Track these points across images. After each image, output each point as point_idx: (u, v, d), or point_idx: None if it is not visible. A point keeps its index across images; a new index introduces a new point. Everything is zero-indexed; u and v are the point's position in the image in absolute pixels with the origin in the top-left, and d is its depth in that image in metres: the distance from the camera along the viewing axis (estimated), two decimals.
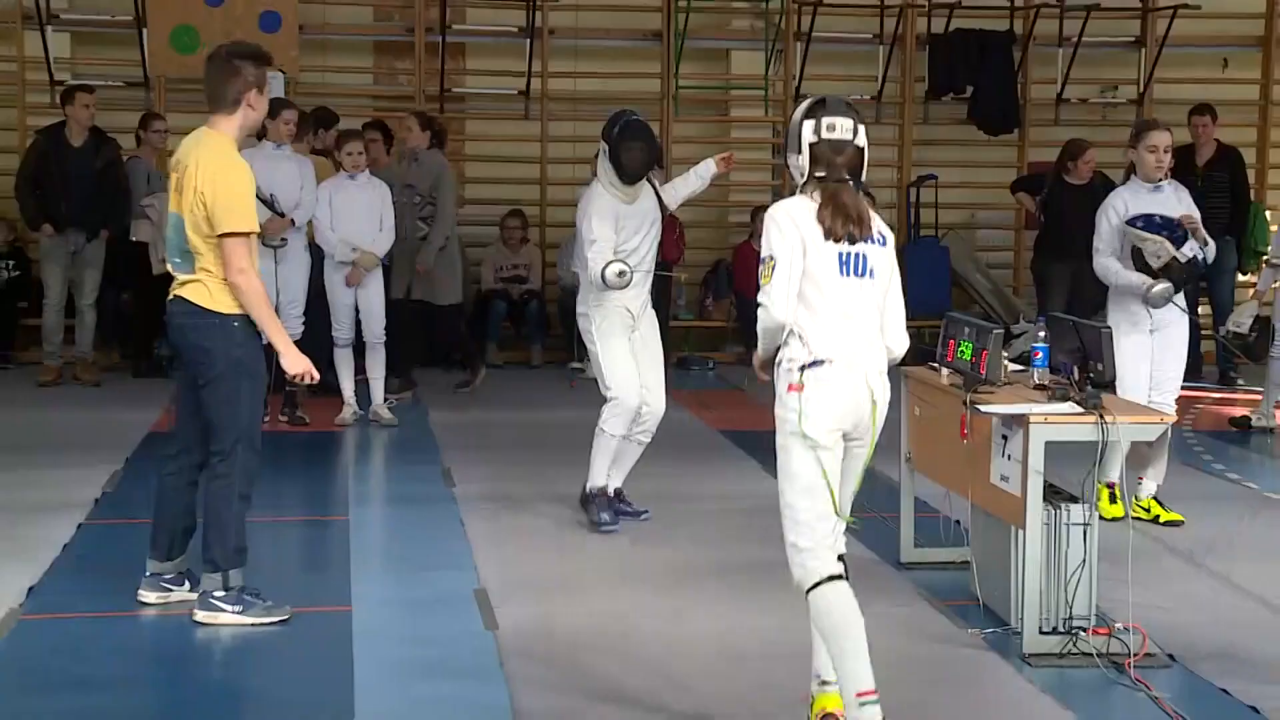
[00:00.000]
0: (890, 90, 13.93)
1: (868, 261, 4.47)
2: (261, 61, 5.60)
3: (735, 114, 14.08)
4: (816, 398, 4.38)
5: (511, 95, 13.50)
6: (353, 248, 9.58)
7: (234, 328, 5.45)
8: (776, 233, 4.45)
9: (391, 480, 8.61)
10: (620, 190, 6.93)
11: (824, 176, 4.46)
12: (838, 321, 4.43)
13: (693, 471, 8.46)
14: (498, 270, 12.87)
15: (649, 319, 7.12)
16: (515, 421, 10.26)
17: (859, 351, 4.44)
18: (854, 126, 4.50)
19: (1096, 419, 5.32)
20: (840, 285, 4.43)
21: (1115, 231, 7.33)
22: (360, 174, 9.60)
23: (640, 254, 6.99)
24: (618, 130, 6.88)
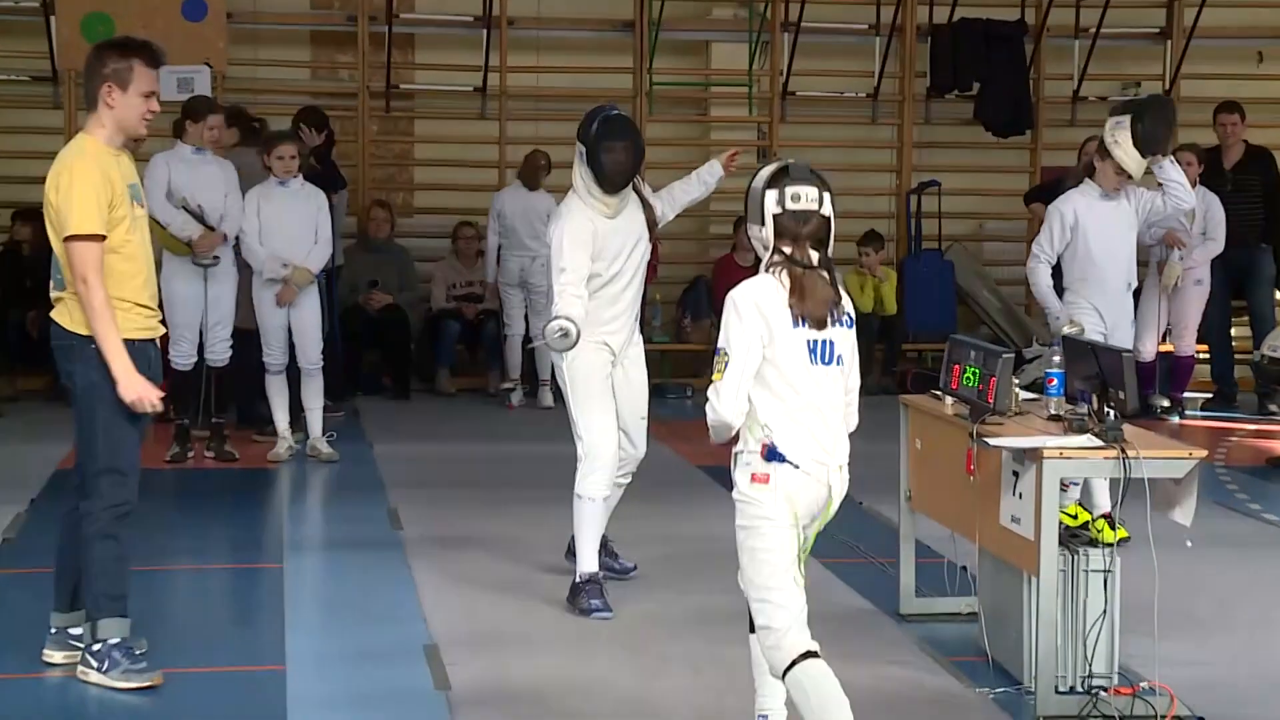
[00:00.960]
0: (888, 87, 14.00)
1: (835, 348, 4.64)
2: (132, 53, 5.52)
3: (716, 113, 14.13)
4: (782, 493, 4.56)
5: (466, 92, 13.52)
6: (283, 263, 9.56)
7: (91, 350, 5.43)
8: (735, 322, 4.58)
9: (331, 522, 8.58)
10: (601, 202, 6.57)
11: (790, 254, 4.59)
12: (808, 416, 4.59)
13: (669, 512, 8.46)
14: (450, 288, 12.87)
15: (634, 354, 6.84)
16: (470, 455, 10.25)
17: (826, 449, 4.62)
18: (819, 195, 4.64)
19: (1118, 453, 5.35)
20: (809, 376, 4.60)
21: (1059, 237, 7.62)
22: (293, 180, 9.59)
23: (624, 279, 6.67)
24: (596, 128, 6.54)
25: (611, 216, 6.63)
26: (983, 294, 13.78)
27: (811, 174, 4.64)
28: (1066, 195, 7.83)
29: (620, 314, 6.71)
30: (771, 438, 4.54)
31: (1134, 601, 5.65)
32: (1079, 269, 7.78)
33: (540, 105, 13.75)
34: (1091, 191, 7.74)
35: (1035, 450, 5.38)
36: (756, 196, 4.65)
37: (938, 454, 6.23)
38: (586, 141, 6.58)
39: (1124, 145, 7.56)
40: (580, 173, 6.62)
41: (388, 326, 12.36)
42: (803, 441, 4.57)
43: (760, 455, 4.54)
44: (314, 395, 9.80)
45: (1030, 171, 14.09)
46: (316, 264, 9.69)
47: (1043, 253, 7.82)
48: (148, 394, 5.41)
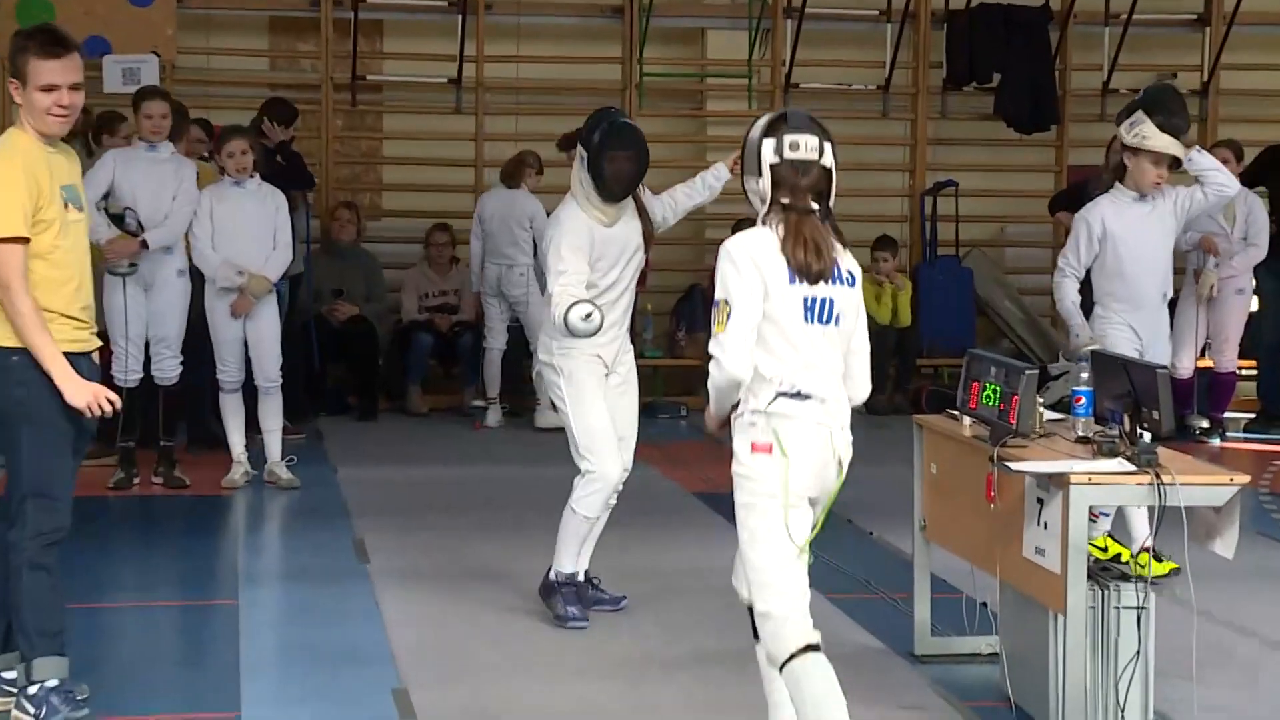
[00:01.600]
0: (900, 79, 14.03)
1: (834, 306, 4.70)
2: (27, 42, 5.43)
3: (712, 107, 14.15)
4: (787, 463, 4.59)
5: (439, 84, 13.53)
6: (238, 270, 9.55)
7: (13, 363, 5.40)
8: (733, 272, 4.64)
9: (291, 553, 8.56)
10: (599, 210, 6.80)
11: (788, 204, 4.59)
12: (801, 373, 4.65)
13: (660, 541, 8.45)
14: (422, 297, 12.87)
15: (627, 362, 7.02)
16: (444, 480, 10.24)
17: (826, 411, 4.67)
18: (819, 145, 4.71)
19: (1152, 479, 5.35)
20: (803, 333, 4.67)
21: (1086, 249, 7.62)
22: (248, 180, 9.58)
23: (618, 290, 6.88)
24: (600, 135, 6.75)
25: (609, 225, 6.85)
26: (1004, 304, 13.79)
27: (811, 122, 4.72)
28: (1095, 203, 7.82)
29: (613, 325, 6.89)
30: (771, 381, 4.59)
31: (1170, 642, 5.65)
32: (1109, 282, 7.77)
33: (520, 98, 13.76)
34: (1123, 196, 7.71)
35: (1061, 475, 5.38)
36: (753, 146, 4.73)
37: (955, 479, 6.23)
38: (590, 147, 6.77)
39: (1154, 137, 7.56)
40: (580, 177, 6.84)
41: (353, 339, 12.35)
42: (800, 402, 4.63)
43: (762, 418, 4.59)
44: (272, 416, 9.79)
45: (1055, 171, 14.12)
46: (275, 271, 9.67)
47: (1069, 266, 7.81)
48: (99, 394, 5.39)
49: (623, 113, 7.04)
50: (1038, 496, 5.52)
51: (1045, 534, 5.47)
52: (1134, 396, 5.77)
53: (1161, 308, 7.85)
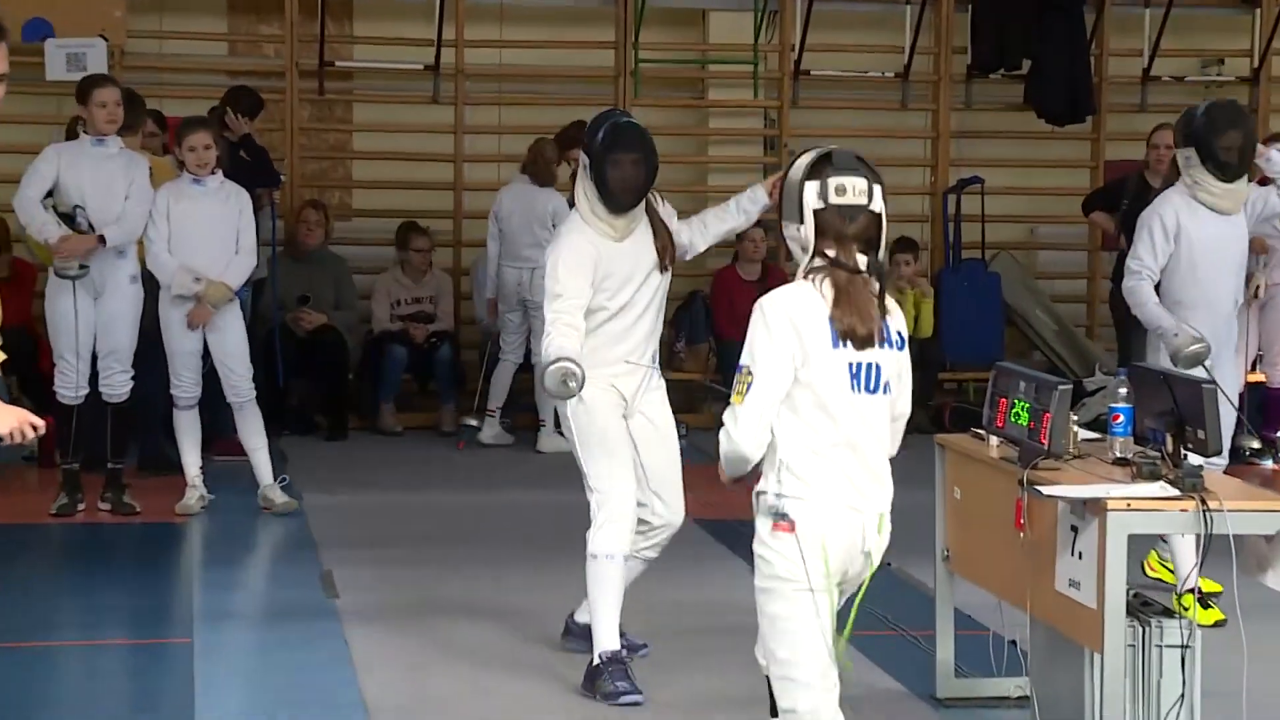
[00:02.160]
0: (921, 65, 14.04)
1: (882, 373, 4.68)
2: None
3: (714, 96, 14.16)
4: (807, 541, 4.60)
5: (415, 71, 13.53)
6: (195, 277, 9.55)
7: None
8: (763, 336, 4.62)
9: (251, 588, 8.55)
10: (605, 222, 6.64)
11: (834, 258, 4.61)
12: (841, 455, 4.64)
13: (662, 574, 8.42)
14: (395, 305, 12.87)
15: (656, 400, 6.84)
16: (419, 507, 10.24)
17: (863, 493, 4.67)
18: (868, 188, 4.70)
19: (1196, 505, 5.35)
20: (849, 405, 4.65)
21: (1161, 247, 7.54)
22: (209, 177, 9.58)
23: (633, 313, 6.69)
24: (602, 137, 6.64)
25: (618, 239, 6.69)
26: (1035, 313, 13.80)
27: (859, 163, 4.72)
28: (1164, 197, 7.78)
29: (631, 353, 6.72)
30: (800, 478, 4.59)
31: (1218, 684, 5.64)
32: (1180, 287, 7.74)
33: (504, 87, 13.76)
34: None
35: (1097, 501, 5.38)
36: (794, 189, 4.70)
37: (981, 505, 6.23)
38: (591, 153, 6.66)
39: (1207, 185, 7.60)
40: (583, 188, 6.69)
41: (320, 351, 12.34)
42: (834, 483, 4.61)
43: (785, 504, 4.60)
44: (255, 433, 9.78)
45: (1091, 166, 14.14)
46: (236, 278, 9.66)
47: (1144, 267, 7.73)
48: (23, 420, 5.28)
49: (626, 113, 6.94)
50: (1071, 524, 5.52)
51: (1080, 565, 5.46)
52: (1177, 414, 5.77)
53: (1233, 315, 7.84)
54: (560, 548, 8.41)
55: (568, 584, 7.25)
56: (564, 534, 8.75)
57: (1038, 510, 5.66)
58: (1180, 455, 5.68)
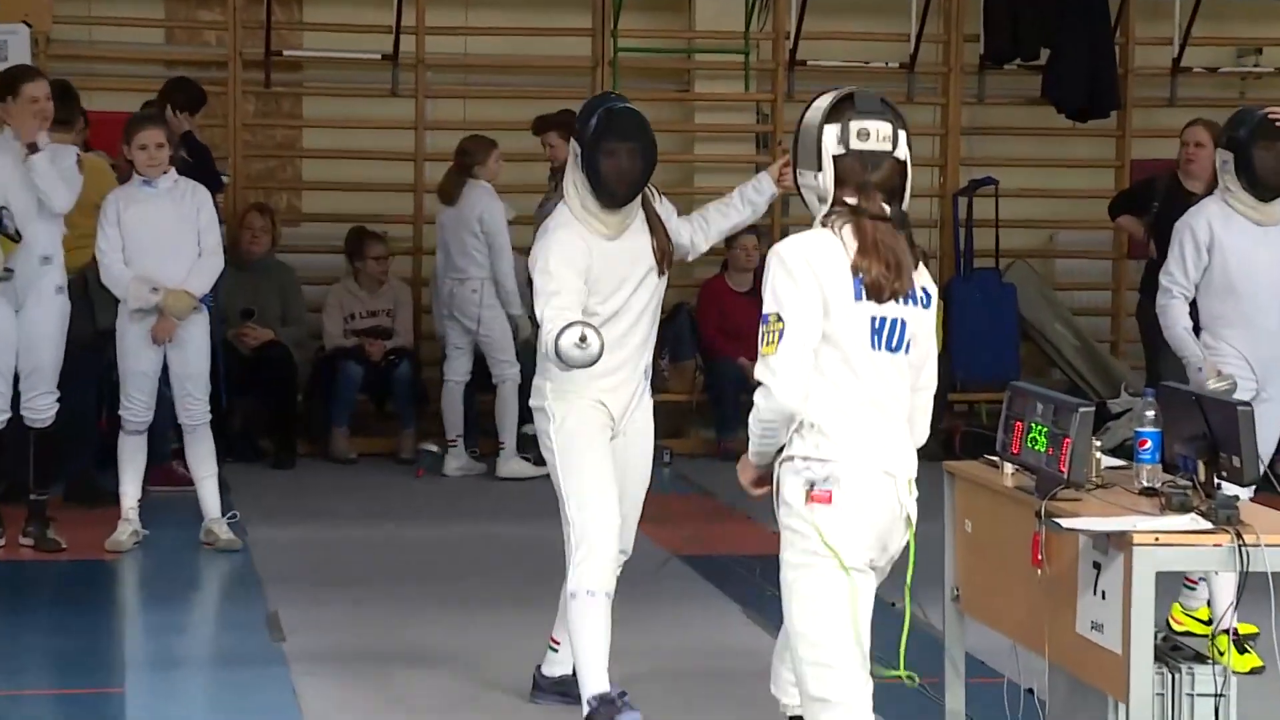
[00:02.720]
0: (928, 55, 14.06)
1: (905, 330, 4.71)
2: None
3: (701, 89, 14.18)
4: (846, 512, 4.61)
5: (372, 61, 13.53)
6: (153, 287, 9.55)
7: None
8: (786, 280, 4.63)
9: (190, 632, 8.54)
10: (598, 218, 6.64)
11: (856, 204, 4.58)
12: (869, 414, 4.67)
13: (644, 616, 8.42)
14: (349, 319, 12.86)
15: (640, 421, 6.81)
16: (375, 541, 10.24)
17: (890, 454, 4.70)
18: (893, 132, 4.73)
19: (1232, 539, 5.36)
20: (870, 362, 4.68)
21: (1194, 261, 7.55)
22: (162, 178, 9.58)
23: (626, 320, 6.65)
24: (595, 124, 6.60)
25: (612, 237, 6.66)
26: (1054, 327, 13.82)
27: (884, 105, 4.76)
28: (1200, 206, 7.78)
29: (622, 365, 6.67)
30: (828, 436, 4.60)
31: None
32: (1218, 302, 7.74)
33: (470, 78, 13.76)
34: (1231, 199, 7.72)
35: (1122, 535, 5.39)
36: (811, 133, 4.72)
37: (994, 539, 6.23)
38: (583, 141, 6.62)
39: (1240, 197, 7.63)
40: (574, 179, 6.67)
41: (266, 370, 12.34)
42: (865, 445, 4.64)
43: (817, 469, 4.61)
44: (205, 460, 9.78)
45: (1116, 166, 14.17)
46: (200, 284, 9.64)
47: (1175, 284, 7.74)
48: None
49: (621, 97, 6.87)
50: (1094, 560, 5.52)
51: (1103, 605, 5.47)
52: (1210, 439, 5.78)
53: (1278, 334, 7.83)
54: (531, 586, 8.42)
55: (540, 626, 7.26)
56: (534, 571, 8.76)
57: (1057, 545, 5.66)
58: (1213, 484, 5.68)
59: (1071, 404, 5.83)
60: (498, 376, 12.02)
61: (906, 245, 4.71)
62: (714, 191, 13.41)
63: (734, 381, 12.82)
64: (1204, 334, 7.83)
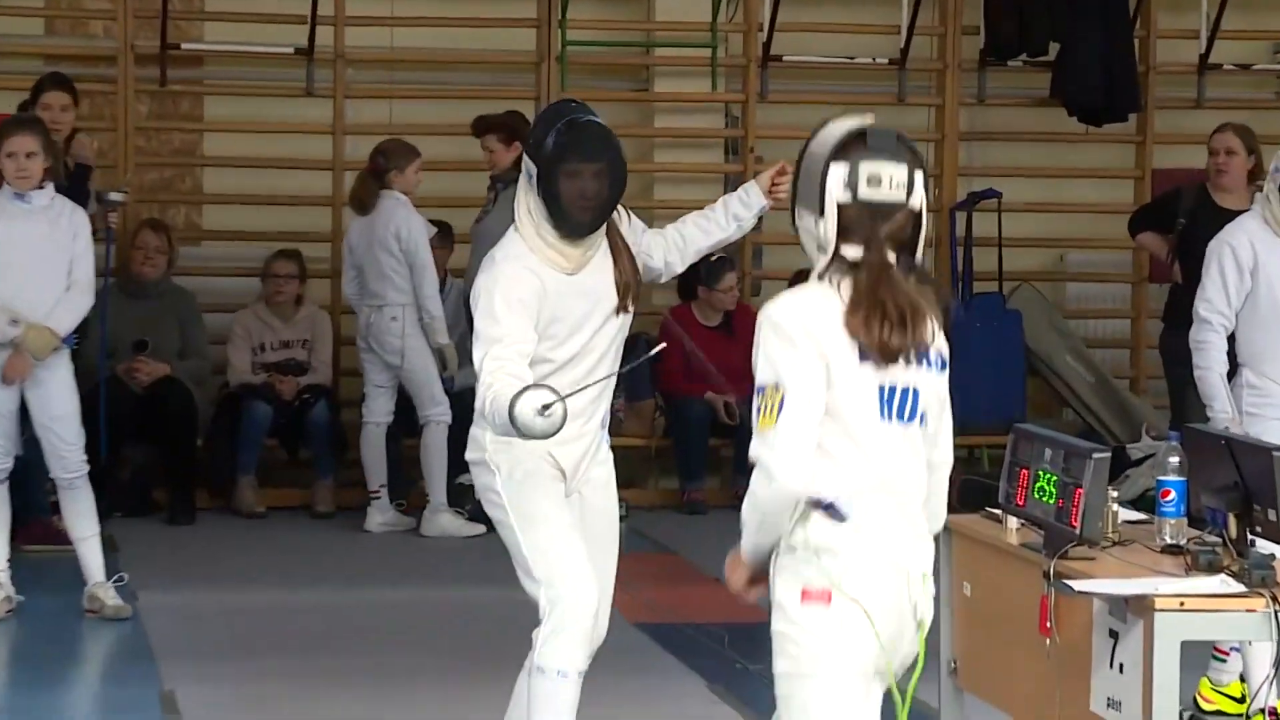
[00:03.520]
0: (921, 50, 14.10)
1: (919, 399, 4.70)
2: None
3: (663, 88, 14.19)
4: (848, 615, 4.58)
5: (284, 56, 13.52)
6: (11, 319, 9.50)
7: None
8: (784, 347, 4.59)
9: (71, 714, 8.49)
10: (556, 250, 6.52)
11: (859, 260, 4.62)
12: (878, 500, 4.63)
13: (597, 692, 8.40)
14: (258, 351, 12.83)
15: (599, 478, 6.71)
16: (289, 607, 10.22)
17: (902, 545, 4.66)
18: (908, 178, 4.66)
19: (1267, 603, 5.37)
20: (879, 436, 4.65)
21: (1235, 285, 7.54)
22: (36, 192, 9.51)
23: (584, 366, 6.53)
24: (554, 139, 6.47)
25: (571, 271, 6.53)
26: (1065, 361, 13.85)
27: (899, 144, 4.69)
28: (1238, 223, 7.77)
29: (575, 416, 6.40)
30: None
31: None
32: (1261, 335, 7.76)
33: (396, 76, 13.75)
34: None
35: (1142, 599, 5.40)
36: (815, 169, 4.67)
37: (997, 604, 6.24)
38: (540, 158, 6.49)
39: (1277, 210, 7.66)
40: (528, 204, 6.52)
41: (161, 410, 12.30)
42: (873, 535, 4.62)
43: (820, 559, 4.57)
44: (84, 518, 9.72)
45: (1137, 176, 14.21)
46: (65, 322, 9.59)
47: (1215, 313, 7.73)
48: None
49: (586, 107, 6.68)
50: (1110, 628, 5.53)
51: (1121, 680, 5.47)
52: (1243, 489, 5.79)
53: None
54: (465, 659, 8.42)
55: (474, 705, 7.26)
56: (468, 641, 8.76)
57: (1068, 611, 5.67)
58: (1246, 541, 5.70)
59: (1084, 449, 5.84)
60: (424, 418, 12.01)
61: (915, 295, 4.65)
62: (675, 204, 13.51)
63: (699, 423, 12.83)
64: (1244, 371, 7.81)
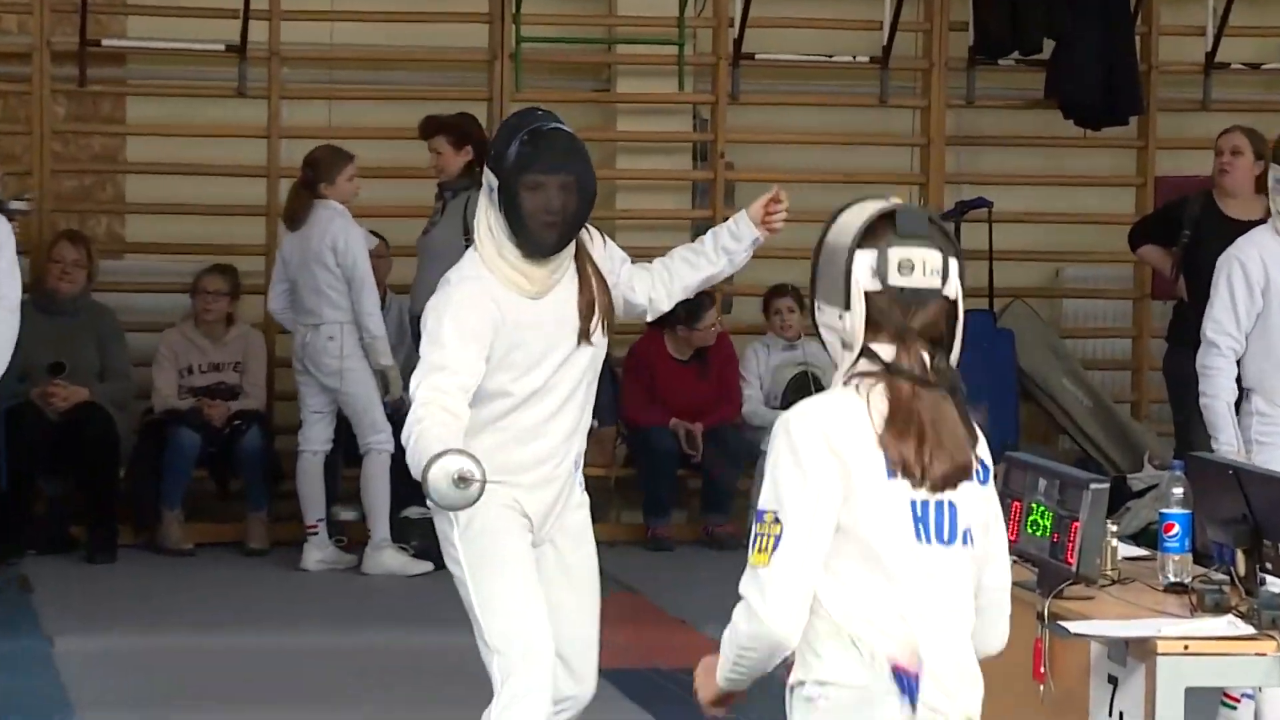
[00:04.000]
0: (905, 47, 14.11)
1: (960, 516, 4.56)
2: None
3: (625, 89, 14.20)
4: None
5: (214, 54, 13.50)
6: None
7: None
8: (793, 472, 4.47)
9: None
10: (519, 272, 6.51)
11: (894, 361, 4.53)
12: (906, 623, 4.50)
13: None
14: (184, 374, 12.80)
15: (574, 526, 6.71)
16: (213, 653, 10.20)
17: (944, 685, 4.53)
18: (943, 263, 4.56)
19: (1278, 646, 5.39)
20: (914, 561, 4.52)
21: (1246, 306, 7.54)
22: None
23: (550, 403, 6.50)
24: (518, 149, 6.47)
25: (535, 296, 6.52)
26: (1060, 383, 13.86)
27: (932, 227, 4.58)
28: (1249, 238, 7.76)
29: (545, 459, 6.53)
30: (858, 657, 4.46)
31: None
32: (1271, 359, 7.80)
33: (336, 75, 13.75)
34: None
35: (1144, 642, 5.41)
36: (837, 259, 4.55)
37: None
38: (502, 170, 6.48)
39: None
40: (488, 221, 6.52)
41: (79, 439, 12.27)
42: (909, 675, 4.49)
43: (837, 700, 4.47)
44: None
45: (1138, 184, 14.24)
46: None
47: (1224, 335, 7.74)
48: None
49: (553, 115, 6.66)
50: (1109, 673, 5.55)
51: None
52: (1252, 523, 5.81)
53: None
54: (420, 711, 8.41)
55: None
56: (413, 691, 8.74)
57: (1063, 654, 5.68)
58: (1255, 579, 5.71)
59: (1081, 479, 5.86)
60: (365, 446, 12.00)
61: (957, 417, 4.56)
62: (638, 214, 13.52)
63: (665, 453, 12.81)
64: (1253, 398, 7.81)
